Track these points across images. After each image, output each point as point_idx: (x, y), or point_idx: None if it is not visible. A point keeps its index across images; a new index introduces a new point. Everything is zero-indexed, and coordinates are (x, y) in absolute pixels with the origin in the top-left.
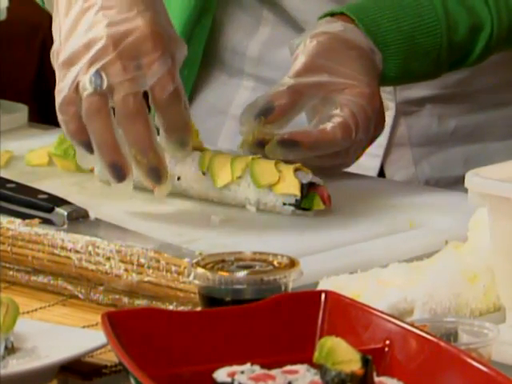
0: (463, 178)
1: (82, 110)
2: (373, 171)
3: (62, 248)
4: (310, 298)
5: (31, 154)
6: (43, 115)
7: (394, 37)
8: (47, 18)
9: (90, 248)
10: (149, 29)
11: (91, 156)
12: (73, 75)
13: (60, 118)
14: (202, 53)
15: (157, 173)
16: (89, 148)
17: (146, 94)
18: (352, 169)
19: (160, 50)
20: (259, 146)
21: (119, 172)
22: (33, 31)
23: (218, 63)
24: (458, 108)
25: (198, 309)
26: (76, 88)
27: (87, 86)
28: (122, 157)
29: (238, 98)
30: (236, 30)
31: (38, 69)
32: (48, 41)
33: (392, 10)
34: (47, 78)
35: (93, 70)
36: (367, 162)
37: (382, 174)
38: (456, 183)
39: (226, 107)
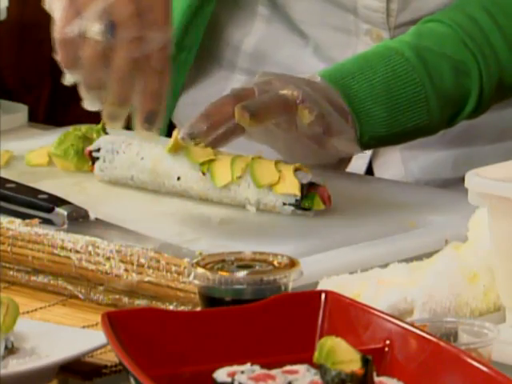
0: (452, 180)
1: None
2: (359, 172)
3: (62, 248)
4: (310, 298)
5: (31, 154)
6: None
7: (367, 93)
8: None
9: (90, 248)
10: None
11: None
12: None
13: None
14: (199, 43)
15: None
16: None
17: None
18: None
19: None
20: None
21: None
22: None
23: (212, 56)
24: None
25: (198, 309)
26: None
27: (96, 33)
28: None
29: (228, 90)
30: (231, 25)
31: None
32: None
33: (361, 70)
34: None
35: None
36: (353, 163)
37: (371, 175)
38: (445, 185)
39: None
